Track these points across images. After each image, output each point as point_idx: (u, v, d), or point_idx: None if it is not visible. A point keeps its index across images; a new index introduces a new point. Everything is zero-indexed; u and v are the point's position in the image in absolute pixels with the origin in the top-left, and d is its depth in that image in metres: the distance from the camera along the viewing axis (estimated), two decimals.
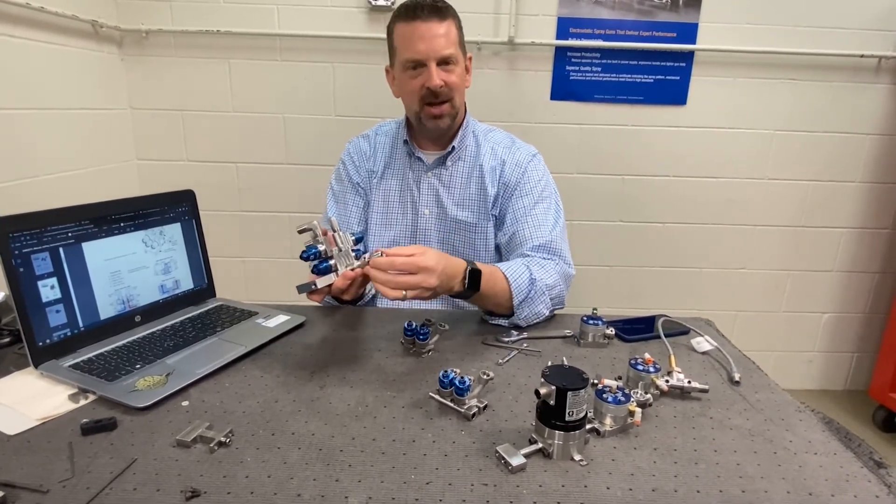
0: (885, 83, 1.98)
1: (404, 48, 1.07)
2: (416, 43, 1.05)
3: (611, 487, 0.59)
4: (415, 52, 1.05)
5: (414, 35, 1.04)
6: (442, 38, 1.05)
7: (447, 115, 1.10)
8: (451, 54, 1.06)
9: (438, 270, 0.84)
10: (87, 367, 0.80)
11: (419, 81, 1.07)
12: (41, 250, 0.79)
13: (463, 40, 1.12)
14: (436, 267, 0.83)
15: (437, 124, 1.10)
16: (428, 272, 0.82)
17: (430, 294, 0.85)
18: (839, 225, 2.14)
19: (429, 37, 1.04)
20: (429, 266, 0.82)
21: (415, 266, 0.81)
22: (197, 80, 1.94)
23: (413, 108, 1.11)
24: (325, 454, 0.63)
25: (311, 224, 0.84)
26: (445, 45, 1.05)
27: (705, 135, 2.03)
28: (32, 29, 1.51)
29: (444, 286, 0.87)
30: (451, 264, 0.89)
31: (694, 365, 0.88)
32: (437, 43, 1.04)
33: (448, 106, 1.09)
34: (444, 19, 1.05)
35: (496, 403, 0.75)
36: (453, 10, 1.09)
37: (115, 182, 1.90)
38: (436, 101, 1.08)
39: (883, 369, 2.02)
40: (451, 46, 1.06)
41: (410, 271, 0.81)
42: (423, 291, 0.83)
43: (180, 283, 1.01)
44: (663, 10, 1.91)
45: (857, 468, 0.63)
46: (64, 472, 0.59)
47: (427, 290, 0.83)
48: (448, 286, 0.89)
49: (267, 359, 0.87)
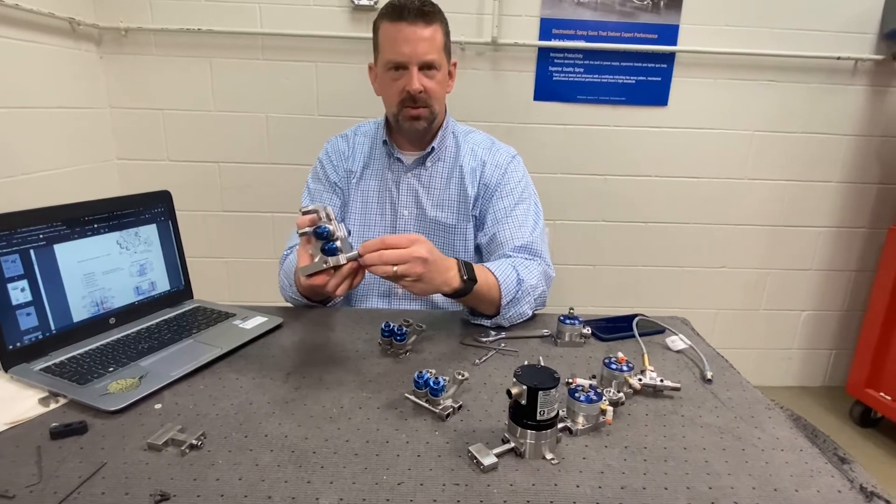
0: (862, 84, 2.02)
1: (387, 48, 1.06)
2: (399, 45, 1.04)
3: (581, 486, 0.59)
4: (397, 55, 1.05)
5: (398, 37, 1.04)
6: (426, 42, 1.04)
7: (424, 119, 1.09)
8: (434, 60, 1.06)
9: (429, 246, 0.82)
10: (58, 370, 0.79)
11: (400, 84, 1.07)
12: (10, 252, 0.78)
13: (448, 45, 1.11)
14: (426, 242, 0.82)
15: (413, 125, 1.10)
16: (418, 243, 0.81)
17: (423, 269, 0.81)
18: (817, 224, 2.17)
19: (413, 40, 1.03)
20: (419, 238, 0.82)
21: (406, 240, 0.81)
22: (178, 79, 1.92)
23: (391, 109, 1.11)
24: (297, 456, 0.63)
25: (317, 206, 0.82)
26: (428, 50, 1.05)
27: (686, 135, 2.05)
28: (6, 26, 1.48)
29: (439, 272, 0.85)
30: (440, 253, 0.87)
31: (668, 363, 0.89)
32: (420, 47, 1.04)
33: (426, 110, 1.09)
34: (431, 24, 1.04)
35: (471, 403, 0.75)
36: (441, 15, 1.08)
37: (95, 182, 1.87)
38: (414, 105, 1.08)
39: (860, 366, 2.06)
40: (435, 52, 1.06)
41: (400, 245, 0.80)
42: (414, 264, 0.80)
43: (156, 284, 1.01)
44: (645, 12, 1.92)
45: (821, 464, 0.64)
46: (31, 476, 0.59)
47: (418, 260, 0.80)
48: (443, 278, 0.86)
49: (243, 361, 0.86)
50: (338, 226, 0.81)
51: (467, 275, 0.90)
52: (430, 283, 0.84)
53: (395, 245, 0.80)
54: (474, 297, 0.94)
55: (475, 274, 0.92)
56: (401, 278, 0.81)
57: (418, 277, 0.81)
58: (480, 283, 0.92)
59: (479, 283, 0.92)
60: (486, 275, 0.96)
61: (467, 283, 0.90)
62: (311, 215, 0.81)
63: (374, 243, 0.80)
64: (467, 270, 0.90)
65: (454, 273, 0.89)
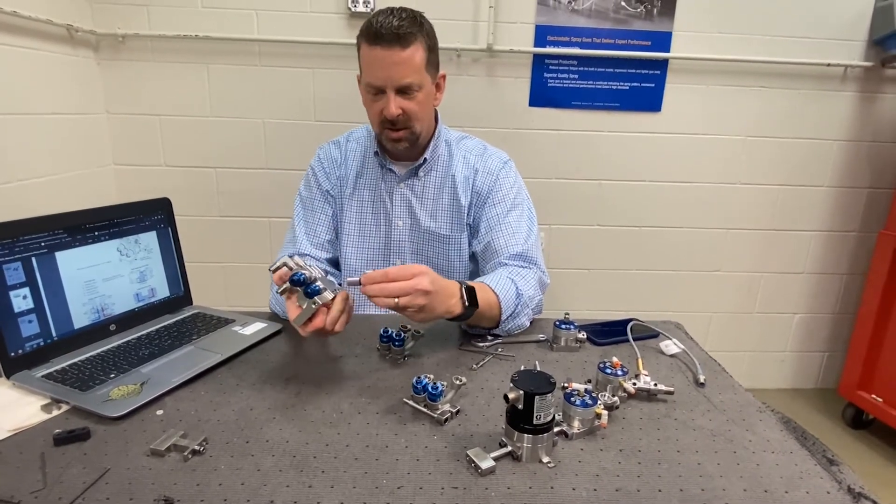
0: (851, 91, 2.05)
1: (366, 71, 1.05)
2: (375, 69, 1.02)
3: (576, 488, 0.61)
4: (374, 79, 1.03)
5: (374, 61, 1.02)
6: (402, 66, 1.01)
7: (405, 139, 1.08)
8: (411, 83, 1.03)
9: (431, 276, 0.82)
10: (60, 377, 0.80)
11: (378, 106, 1.05)
12: (13, 260, 0.79)
13: (434, 59, 1.09)
14: (428, 272, 0.82)
15: (395, 146, 1.10)
16: (421, 275, 0.81)
17: (425, 301, 0.81)
18: (809, 228, 2.20)
19: (388, 64, 1.00)
20: (422, 270, 0.82)
21: (408, 272, 0.81)
22: (175, 85, 1.93)
23: (375, 128, 1.12)
24: (298, 461, 0.64)
25: (283, 259, 0.83)
26: (405, 74, 1.02)
27: (680, 140, 2.08)
28: (5, 33, 1.49)
29: (440, 302, 0.85)
30: (442, 280, 0.87)
31: (661, 367, 0.91)
32: (395, 72, 1.01)
33: (406, 131, 1.07)
34: (408, 45, 1.00)
35: (469, 408, 0.76)
36: (422, 32, 1.03)
37: (92, 187, 1.87)
38: (393, 128, 1.07)
39: (851, 368, 2.09)
40: (412, 74, 1.02)
41: (403, 277, 0.80)
42: (416, 296, 0.80)
43: (156, 291, 1.01)
44: (638, 19, 1.95)
45: (810, 465, 0.66)
46: (35, 482, 0.59)
47: (420, 293, 0.80)
48: (445, 306, 0.86)
49: (243, 366, 0.87)
50: (311, 268, 0.83)
51: (469, 301, 0.89)
52: (431, 312, 0.84)
53: (398, 277, 0.80)
54: (475, 318, 0.94)
55: (477, 299, 0.91)
56: (403, 310, 0.81)
57: (420, 309, 0.81)
58: (482, 305, 0.92)
59: (481, 306, 0.92)
60: (486, 294, 0.95)
61: (468, 309, 0.90)
62: (280, 270, 0.82)
63: (377, 275, 0.80)
64: (469, 297, 0.90)
65: (456, 300, 0.88)
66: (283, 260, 0.83)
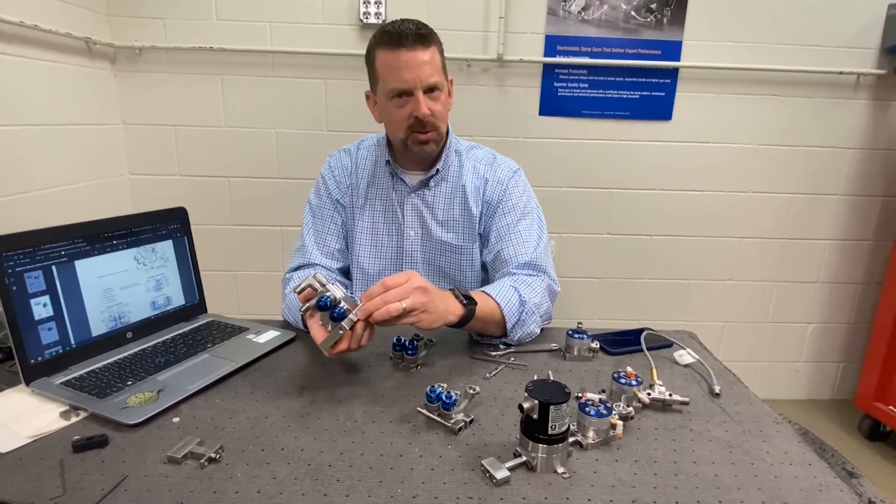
0: (864, 99, 2.04)
1: (389, 77, 1.05)
2: (401, 72, 1.03)
3: (592, 500, 0.60)
4: (401, 82, 1.04)
5: (399, 64, 1.03)
6: (427, 65, 1.04)
7: (433, 141, 1.10)
8: (437, 81, 1.05)
9: (423, 278, 0.85)
10: (78, 384, 0.81)
11: (406, 110, 1.06)
12: (34, 269, 0.80)
13: (444, 63, 1.11)
14: (419, 275, 0.85)
15: (423, 149, 1.10)
16: (413, 276, 0.84)
17: (426, 297, 0.82)
18: (822, 237, 2.18)
19: (414, 65, 1.02)
20: (412, 272, 0.85)
21: (402, 277, 0.83)
22: (189, 96, 1.96)
23: (399, 136, 1.10)
24: (313, 469, 0.64)
25: (309, 280, 0.84)
26: (431, 73, 1.04)
27: (690, 149, 2.07)
28: (26, 46, 1.52)
29: (440, 301, 0.86)
30: (436, 287, 0.88)
31: (676, 378, 0.90)
32: (423, 71, 1.03)
33: (434, 133, 1.09)
34: (429, 46, 1.04)
35: (482, 417, 0.76)
36: (435, 35, 1.07)
37: (108, 197, 1.90)
38: (423, 130, 1.07)
39: (867, 379, 2.06)
40: (436, 73, 1.06)
41: (398, 283, 0.82)
42: (417, 294, 0.81)
43: (172, 299, 1.03)
44: (648, 29, 1.96)
45: (830, 478, 0.65)
46: (55, 489, 0.60)
47: (419, 290, 0.81)
48: (445, 305, 0.87)
49: (257, 374, 0.88)
50: (334, 287, 0.83)
51: (465, 298, 0.91)
52: (434, 311, 0.85)
53: (393, 285, 0.82)
54: (478, 322, 0.94)
55: (472, 296, 0.93)
56: (409, 313, 0.81)
57: (424, 308, 0.82)
58: (481, 305, 0.93)
59: (480, 306, 0.93)
60: (484, 299, 0.96)
61: (468, 305, 0.91)
62: (305, 292, 0.83)
63: (375, 290, 0.81)
64: (463, 294, 0.92)
65: (453, 300, 0.90)
66: (307, 281, 0.84)
